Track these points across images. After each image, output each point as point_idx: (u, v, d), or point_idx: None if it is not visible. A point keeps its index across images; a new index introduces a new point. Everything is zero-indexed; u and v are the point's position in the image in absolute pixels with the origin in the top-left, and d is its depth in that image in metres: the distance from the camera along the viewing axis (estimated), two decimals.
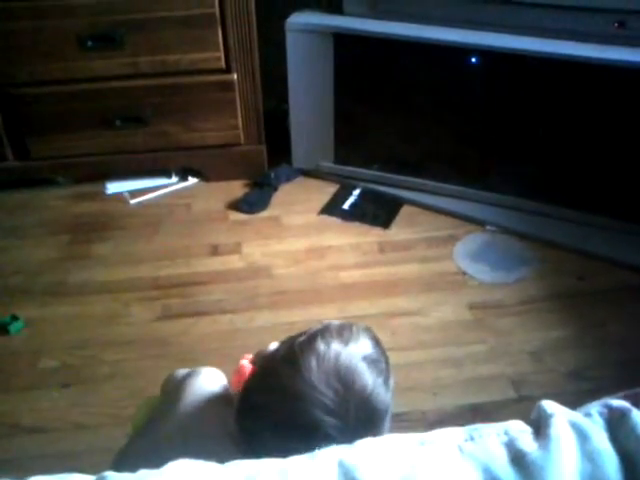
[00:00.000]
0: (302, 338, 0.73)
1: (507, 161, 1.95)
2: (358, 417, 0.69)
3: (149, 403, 1.04)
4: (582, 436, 0.57)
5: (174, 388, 0.93)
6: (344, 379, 0.69)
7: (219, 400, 0.88)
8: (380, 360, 0.74)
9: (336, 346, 0.71)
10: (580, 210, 1.89)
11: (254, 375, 0.77)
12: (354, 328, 0.75)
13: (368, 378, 0.70)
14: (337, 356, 0.70)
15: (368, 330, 0.77)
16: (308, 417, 0.67)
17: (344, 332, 0.74)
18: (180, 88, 1.99)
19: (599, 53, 1.65)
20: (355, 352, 0.72)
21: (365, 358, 0.72)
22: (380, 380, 0.72)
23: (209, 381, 0.91)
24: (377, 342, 0.76)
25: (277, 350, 0.76)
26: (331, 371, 0.69)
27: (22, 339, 1.63)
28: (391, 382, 0.75)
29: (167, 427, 0.85)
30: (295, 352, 0.71)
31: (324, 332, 0.73)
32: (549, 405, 0.62)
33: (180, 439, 0.81)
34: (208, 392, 0.89)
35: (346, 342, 0.72)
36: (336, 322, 0.76)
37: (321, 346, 0.71)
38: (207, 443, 0.78)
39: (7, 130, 2.00)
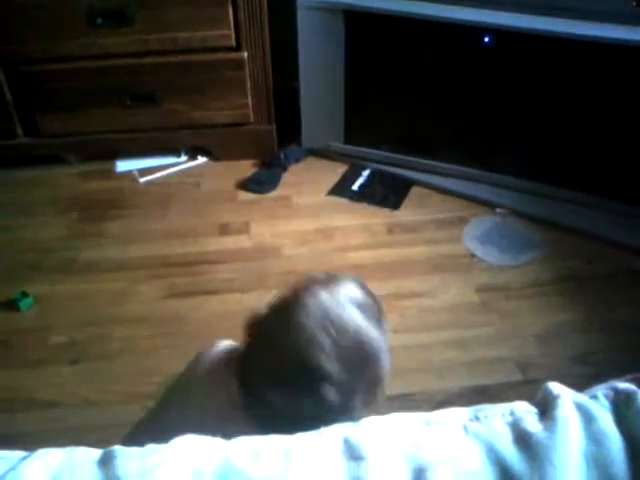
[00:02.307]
0: (291, 293, 0.77)
1: (518, 144, 1.94)
2: (353, 359, 0.73)
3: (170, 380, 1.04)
4: (587, 418, 0.57)
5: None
6: (337, 324, 0.73)
7: (222, 367, 0.90)
8: (369, 303, 0.78)
9: (326, 294, 0.75)
10: (590, 193, 1.87)
11: (251, 334, 0.80)
12: (339, 277, 0.79)
13: (359, 322, 0.74)
14: (328, 303, 0.74)
15: (354, 278, 0.81)
16: (307, 362, 0.71)
17: (330, 281, 0.78)
18: (190, 66, 1.98)
19: (616, 33, 1.62)
20: (344, 297, 0.76)
21: (354, 302, 0.76)
22: (372, 323, 0.75)
23: (214, 352, 0.93)
24: (364, 287, 0.80)
25: (270, 307, 0.79)
26: (325, 318, 0.73)
27: (32, 316, 1.65)
28: (385, 325, 0.78)
29: (176, 402, 0.88)
30: (288, 305, 0.76)
31: (311, 283, 0.77)
32: (555, 386, 0.62)
33: (186, 413, 0.83)
34: (211, 363, 0.91)
35: (334, 289, 0.76)
36: (321, 273, 0.81)
37: (310, 297, 0.75)
38: (212, 412, 0.80)
39: (17, 107, 2.00)
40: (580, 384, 0.67)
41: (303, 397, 0.71)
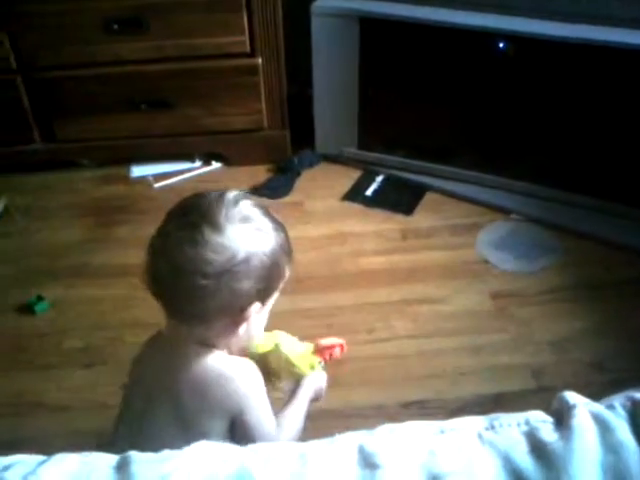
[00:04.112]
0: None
1: (533, 149, 1.93)
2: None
3: None
4: (604, 428, 0.56)
5: None
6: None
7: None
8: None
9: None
10: (606, 199, 1.86)
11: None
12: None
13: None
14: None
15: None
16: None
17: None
18: (205, 72, 1.99)
19: (635, 39, 1.61)
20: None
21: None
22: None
23: None
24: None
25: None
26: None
27: (47, 319, 1.66)
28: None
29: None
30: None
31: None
32: (571, 396, 0.62)
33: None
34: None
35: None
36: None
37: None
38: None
39: (34, 113, 2.02)
40: (596, 392, 0.66)
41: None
